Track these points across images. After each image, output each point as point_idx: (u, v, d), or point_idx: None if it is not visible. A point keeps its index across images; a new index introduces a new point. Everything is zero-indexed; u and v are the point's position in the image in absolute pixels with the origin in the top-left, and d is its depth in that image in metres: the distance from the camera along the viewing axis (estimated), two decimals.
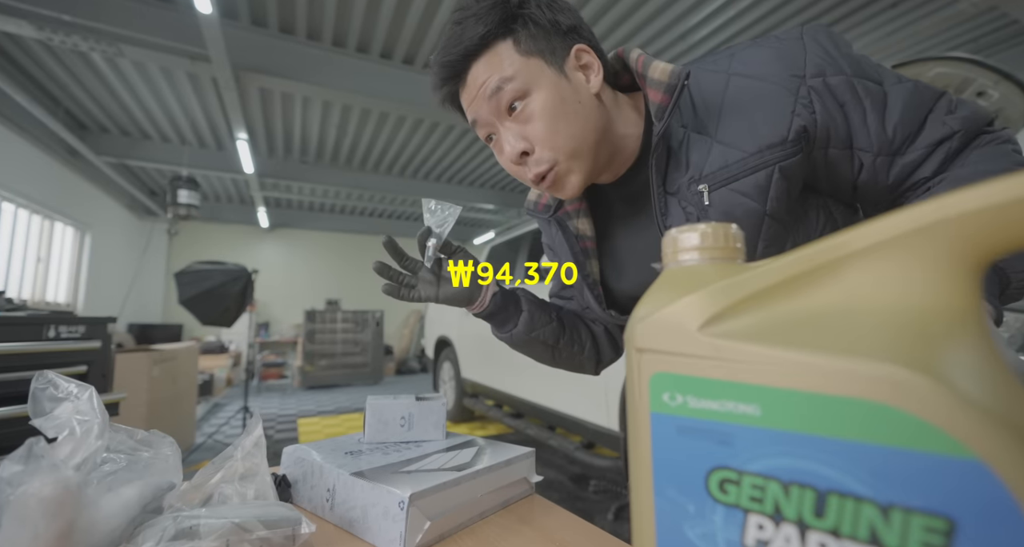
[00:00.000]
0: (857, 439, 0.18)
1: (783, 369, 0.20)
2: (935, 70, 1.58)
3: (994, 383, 0.17)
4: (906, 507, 0.17)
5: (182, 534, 0.39)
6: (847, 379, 0.18)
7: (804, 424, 0.19)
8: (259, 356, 7.58)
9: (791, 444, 0.20)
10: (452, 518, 0.57)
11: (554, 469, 3.13)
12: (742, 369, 0.21)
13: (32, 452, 0.37)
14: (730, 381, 0.21)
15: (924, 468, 0.17)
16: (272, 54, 3.67)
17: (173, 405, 3.36)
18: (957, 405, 0.16)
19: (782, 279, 0.22)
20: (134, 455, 0.46)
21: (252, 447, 0.52)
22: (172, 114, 5.03)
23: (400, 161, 6.54)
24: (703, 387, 0.22)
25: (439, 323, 4.65)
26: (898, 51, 3.73)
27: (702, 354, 0.22)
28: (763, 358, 0.20)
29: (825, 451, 0.19)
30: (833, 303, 0.20)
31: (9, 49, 3.86)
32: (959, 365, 0.17)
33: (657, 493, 0.24)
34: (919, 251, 0.18)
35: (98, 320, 1.85)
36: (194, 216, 4.74)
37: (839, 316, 0.20)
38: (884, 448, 0.17)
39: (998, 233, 0.17)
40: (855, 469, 0.18)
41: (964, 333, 0.18)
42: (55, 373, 0.47)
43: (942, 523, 0.16)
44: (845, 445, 0.18)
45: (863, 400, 0.18)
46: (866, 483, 0.18)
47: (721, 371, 0.22)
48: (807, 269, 0.21)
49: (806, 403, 0.19)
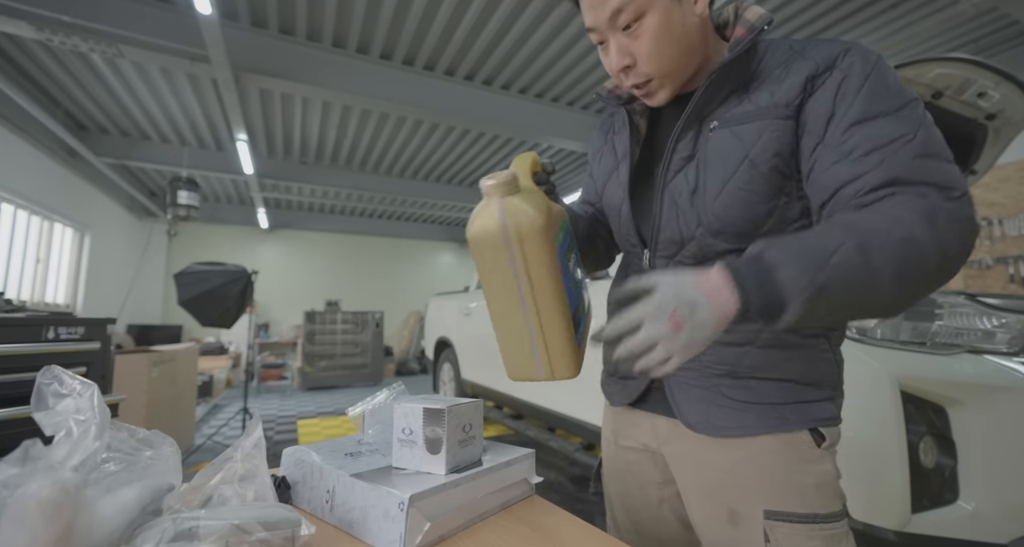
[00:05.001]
0: None
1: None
2: (935, 71, 1.58)
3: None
4: None
5: (181, 536, 0.39)
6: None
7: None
8: (259, 357, 7.57)
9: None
10: (452, 519, 0.57)
11: (554, 470, 3.12)
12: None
13: (29, 454, 0.37)
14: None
15: None
16: (272, 55, 3.67)
17: (172, 406, 3.35)
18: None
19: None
20: (134, 455, 0.46)
21: (252, 448, 0.51)
22: (172, 115, 5.03)
23: (400, 162, 6.54)
24: None
25: (439, 324, 4.64)
26: (898, 52, 3.73)
27: None
28: None
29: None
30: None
31: (9, 50, 3.86)
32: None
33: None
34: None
35: (97, 321, 1.84)
36: (194, 217, 4.74)
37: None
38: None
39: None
40: None
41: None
42: (61, 369, 0.47)
43: None
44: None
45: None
46: None
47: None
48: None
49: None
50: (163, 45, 3.25)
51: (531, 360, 0.64)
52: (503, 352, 0.67)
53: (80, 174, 5.66)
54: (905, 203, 0.51)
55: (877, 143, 0.54)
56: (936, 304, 1.33)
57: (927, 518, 1.17)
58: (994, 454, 1.19)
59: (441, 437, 0.61)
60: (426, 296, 6.27)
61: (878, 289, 0.49)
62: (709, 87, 0.64)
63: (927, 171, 0.52)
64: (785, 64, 0.62)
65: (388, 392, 0.77)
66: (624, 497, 0.82)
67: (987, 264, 4.09)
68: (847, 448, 1.25)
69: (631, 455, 0.80)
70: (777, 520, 0.61)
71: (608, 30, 0.63)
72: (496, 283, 0.61)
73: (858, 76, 0.57)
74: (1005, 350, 1.28)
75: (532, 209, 0.57)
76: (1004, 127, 1.78)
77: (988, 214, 4.14)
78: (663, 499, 0.77)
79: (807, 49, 0.62)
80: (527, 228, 0.57)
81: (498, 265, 0.59)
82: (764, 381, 0.64)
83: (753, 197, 0.62)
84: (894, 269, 0.48)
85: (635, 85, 0.67)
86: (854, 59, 0.58)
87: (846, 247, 0.48)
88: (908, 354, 1.28)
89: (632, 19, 0.61)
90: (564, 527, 0.60)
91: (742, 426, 0.64)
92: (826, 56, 0.59)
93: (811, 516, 0.60)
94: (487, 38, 3.80)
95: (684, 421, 0.68)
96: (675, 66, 0.64)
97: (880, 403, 1.22)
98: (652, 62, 0.63)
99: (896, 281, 0.49)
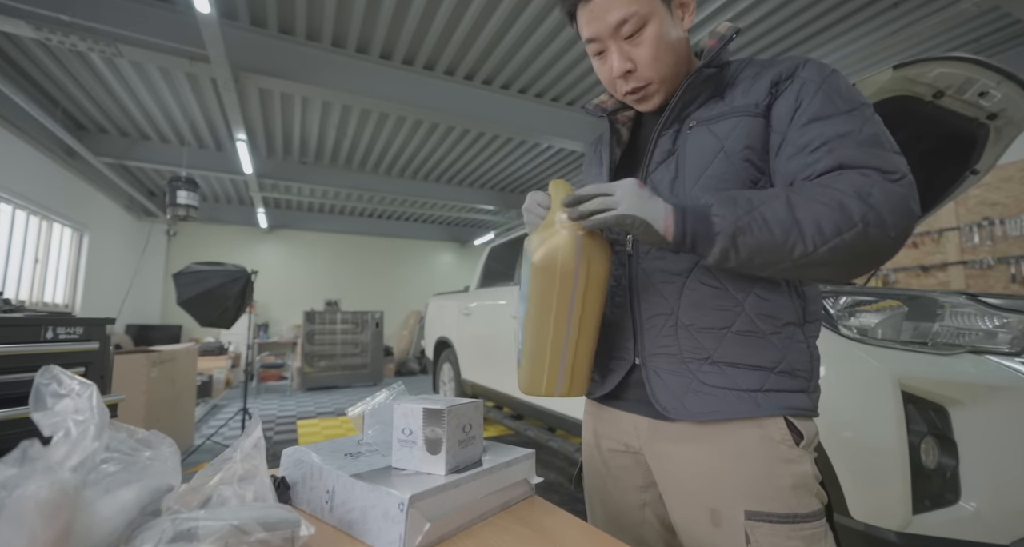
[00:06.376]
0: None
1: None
2: (937, 70, 1.57)
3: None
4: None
5: (180, 536, 0.39)
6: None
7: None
8: (258, 357, 7.57)
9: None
10: (452, 519, 0.57)
11: (554, 471, 3.12)
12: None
13: (27, 454, 0.37)
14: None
15: None
16: (271, 54, 3.67)
17: (172, 407, 3.35)
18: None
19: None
20: (133, 455, 0.45)
21: (251, 449, 0.51)
22: (171, 115, 5.03)
23: (400, 162, 6.54)
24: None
25: (439, 324, 4.64)
26: (899, 51, 3.74)
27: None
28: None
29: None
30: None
31: (7, 49, 3.86)
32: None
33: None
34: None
35: (96, 321, 1.84)
36: (193, 217, 4.73)
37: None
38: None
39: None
40: None
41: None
42: (60, 369, 0.46)
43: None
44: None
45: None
46: None
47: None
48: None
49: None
50: (162, 44, 3.25)
51: (555, 379, 0.70)
52: (528, 367, 0.71)
53: (79, 174, 5.66)
54: (846, 179, 0.57)
55: (829, 137, 0.60)
56: (937, 304, 1.33)
57: (928, 519, 1.17)
58: (996, 455, 1.19)
59: (441, 437, 0.61)
60: (426, 296, 6.28)
61: (796, 240, 0.56)
62: (688, 89, 0.71)
63: (871, 157, 0.58)
64: (755, 76, 0.70)
65: (388, 392, 0.77)
66: (605, 502, 0.82)
67: (989, 264, 4.09)
68: (848, 448, 1.26)
69: (613, 459, 0.81)
70: (758, 520, 0.62)
71: (610, 39, 0.69)
72: (549, 306, 0.67)
73: (814, 83, 0.65)
74: (1007, 350, 1.27)
75: (606, 252, 0.66)
76: (1006, 126, 1.78)
77: (990, 214, 4.15)
78: (645, 503, 0.78)
79: (775, 62, 0.70)
80: (597, 269, 0.65)
81: (560, 292, 0.65)
82: (739, 368, 0.66)
83: (727, 185, 0.68)
84: (815, 226, 0.55)
85: (634, 89, 0.72)
86: (812, 69, 0.66)
87: (775, 201, 0.57)
88: (909, 354, 1.27)
89: (635, 29, 0.67)
90: (564, 528, 0.60)
91: (715, 411, 0.66)
92: (789, 66, 0.68)
93: (791, 516, 0.62)
94: (487, 38, 3.80)
95: (660, 407, 0.69)
96: (671, 72, 0.71)
97: (881, 403, 1.22)
98: (652, 67, 0.69)
99: (815, 236, 0.55)
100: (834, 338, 1.34)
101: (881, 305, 1.36)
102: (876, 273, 3.50)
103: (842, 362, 1.30)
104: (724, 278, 0.68)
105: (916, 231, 4.43)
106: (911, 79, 1.63)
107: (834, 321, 1.37)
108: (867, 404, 1.25)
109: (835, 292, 1.42)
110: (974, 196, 4.22)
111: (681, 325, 0.69)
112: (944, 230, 4.41)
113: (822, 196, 0.56)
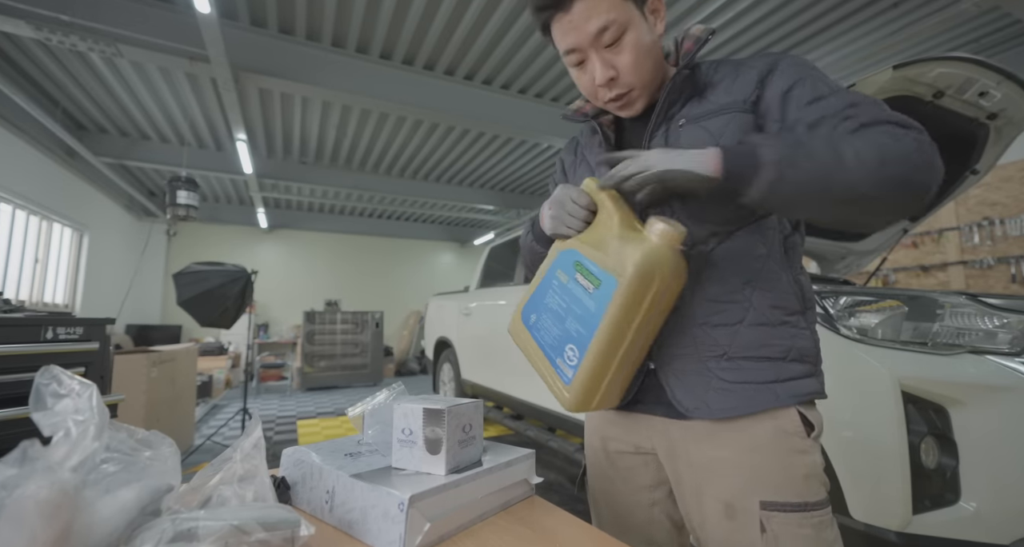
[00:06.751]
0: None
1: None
2: (937, 70, 1.58)
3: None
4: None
5: (180, 536, 0.39)
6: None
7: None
8: (258, 357, 7.57)
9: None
10: (452, 519, 0.57)
11: (554, 471, 3.12)
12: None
13: (27, 455, 0.37)
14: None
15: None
16: (271, 54, 3.67)
17: (172, 407, 3.35)
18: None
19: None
20: (133, 455, 0.45)
21: (251, 449, 0.51)
22: (171, 115, 5.02)
23: (400, 162, 6.54)
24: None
25: (439, 324, 4.64)
26: (899, 51, 3.74)
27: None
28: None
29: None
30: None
31: (7, 49, 3.86)
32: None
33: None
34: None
35: (96, 321, 1.83)
36: (193, 217, 4.73)
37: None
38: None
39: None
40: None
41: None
42: (60, 369, 0.46)
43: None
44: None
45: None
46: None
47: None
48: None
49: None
50: (162, 44, 3.25)
51: (611, 393, 0.68)
52: (586, 385, 0.65)
53: (79, 174, 5.66)
54: (872, 131, 0.59)
55: (839, 108, 0.62)
56: (937, 304, 1.33)
57: (928, 519, 1.17)
58: (996, 455, 1.19)
59: (441, 437, 0.61)
60: (426, 296, 6.28)
61: (840, 171, 0.56)
62: (672, 89, 0.73)
63: (887, 115, 0.60)
64: (733, 74, 0.72)
65: (388, 392, 0.77)
66: (613, 503, 0.82)
67: (989, 264, 4.10)
68: (848, 448, 1.26)
69: (621, 460, 0.81)
70: (773, 510, 0.64)
71: (591, 48, 0.69)
72: (631, 320, 0.63)
73: (798, 72, 0.67)
74: (1007, 350, 1.27)
75: (684, 264, 0.65)
76: (1006, 126, 1.78)
77: (990, 214, 4.15)
78: (654, 501, 0.79)
79: (749, 61, 0.73)
80: (678, 285, 0.65)
81: (648, 306, 0.63)
82: (755, 361, 0.68)
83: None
84: (856, 159, 0.56)
85: (616, 96, 0.73)
86: (793, 61, 0.69)
87: (816, 139, 0.58)
88: (909, 354, 1.27)
89: (616, 37, 0.67)
90: (564, 528, 0.60)
91: (736, 406, 0.67)
92: (769, 62, 0.70)
93: (802, 505, 0.64)
94: (487, 38, 3.80)
95: (682, 408, 0.70)
96: (650, 77, 0.72)
97: (881, 403, 1.22)
98: (634, 73, 0.70)
99: (858, 169, 0.56)
100: (834, 338, 1.34)
101: (881, 305, 1.36)
102: (876, 273, 3.50)
103: (842, 362, 1.30)
104: (731, 274, 0.69)
105: (916, 231, 4.43)
106: (911, 79, 1.63)
107: (834, 321, 1.37)
108: (867, 404, 1.25)
109: (835, 292, 1.42)
110: (974, 196, 4.22)
111: (696, 323, 0.70)
112: (944, 230, 4.41)
113: (859, 138, 0.58)
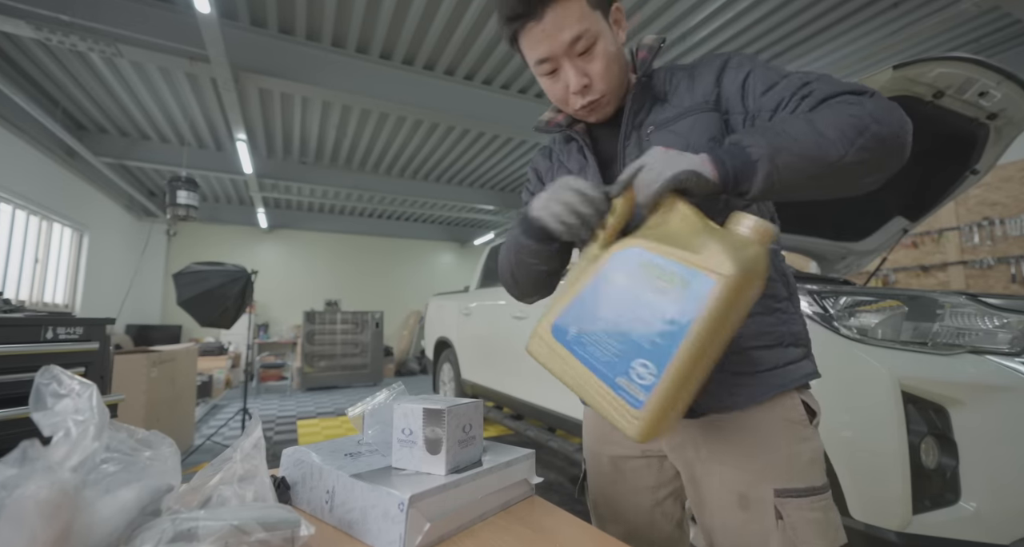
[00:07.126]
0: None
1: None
2: (937, 70, 1.57)
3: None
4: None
5: (180, 536, 0.39)
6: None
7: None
8: (258, 357, 7.57)
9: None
10: (452, 519, 0.57)
11: (554, 471, 3.12)
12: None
13: (27, 455, 0.37)
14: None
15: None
16: (271, 54, 3.67)
17: (172, 407, 3.35)
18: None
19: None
20: (133, 455, 0.45)
21: (251, 449, 0.51)
22: (171, 115, 5.02)
23: (400, 162, 6.54)
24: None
25: (439, 324, 4.64)
26: (899, 51, 3.73)
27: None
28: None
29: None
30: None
31: (7, 49, 3.86)
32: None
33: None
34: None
35: (96, 321, 1.83)
36: (193, 217, 4.73)
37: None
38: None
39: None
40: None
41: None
42: (60, 369, 0.46)
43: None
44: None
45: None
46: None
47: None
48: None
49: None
50: (162, 44, 3.25)
51: (679, 413, 0.56)
52: (665, 406, 0.52)
53: (79, 174, 5.66)
54: (833, 103, 0.62)
55: (795, 88, 0.65)
56: (937, 304, 1.33)
57: (928, 519, 1.17)
58: (996, 455, 1.19)
59: (441, 437, 0.61)
60: (426, 296, 6.27)
61: (827, 146, 0.58)
62: (636, 96, 0.76)
63: (841, 87, 0.63)
64: (689, 78, 0.76)
65: (388, 392, 0.77)
66: (614, 506, 0.83)
67: (989, 264, 4.10)
68: (848, 448, 1.26)
69: (624, 463, 0.82)
70: (786, 497, 0.66)
71: (564, 56, 0.70)
72: (720, 330, 0.54)
73: (747, 66, 0.71)
74: (1007, 350, 1.27)
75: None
76: (1006, 126, 1.78)
77: (990, 214, 4.15)
78: (656, 502, 0.80)
79: (701, 63, 0.77)
80: (762, 287, 0.57)
81: (736, 315, 0.55)
82: (761, 349, 0.70)
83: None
84: (837, 131, 0.58)
85: (588, 103, 0.74)
86: (739, 58, 0.73)
87: (793, 121, 0.60)
88: (909, 354, 1.27)
89: (588, 45, 0.69)
90: (564, 528, 0.60)
91: (749, 397, 0.69)
92: (720, 61, 0.74)
93: (810, 489, 0.66)
94: (487, 38, 3.80)
95: (700, 408, 0.70)
96: (618, 83, 0.75)
97: (881, 403, 1.22)
98: (605, 80, 0.72)
99: (840, 140, 0.58)
100: (834, 338, 1.34)
101: (881, 305, 1.36)
102: (876, 273, 3.49)
103: (842, 362, 1.30)
104: None
105: (916, 231, 4.43)
106: (911, 79, 1.63)
107: (834, 321, 1.37)
108: (867, 404, 1.25)
109: (835, 292, 1.42)
110: (974, 196, 4.22)
111: None
112: (944, 230, 4.41)
113: (827, 111, 0.60)
